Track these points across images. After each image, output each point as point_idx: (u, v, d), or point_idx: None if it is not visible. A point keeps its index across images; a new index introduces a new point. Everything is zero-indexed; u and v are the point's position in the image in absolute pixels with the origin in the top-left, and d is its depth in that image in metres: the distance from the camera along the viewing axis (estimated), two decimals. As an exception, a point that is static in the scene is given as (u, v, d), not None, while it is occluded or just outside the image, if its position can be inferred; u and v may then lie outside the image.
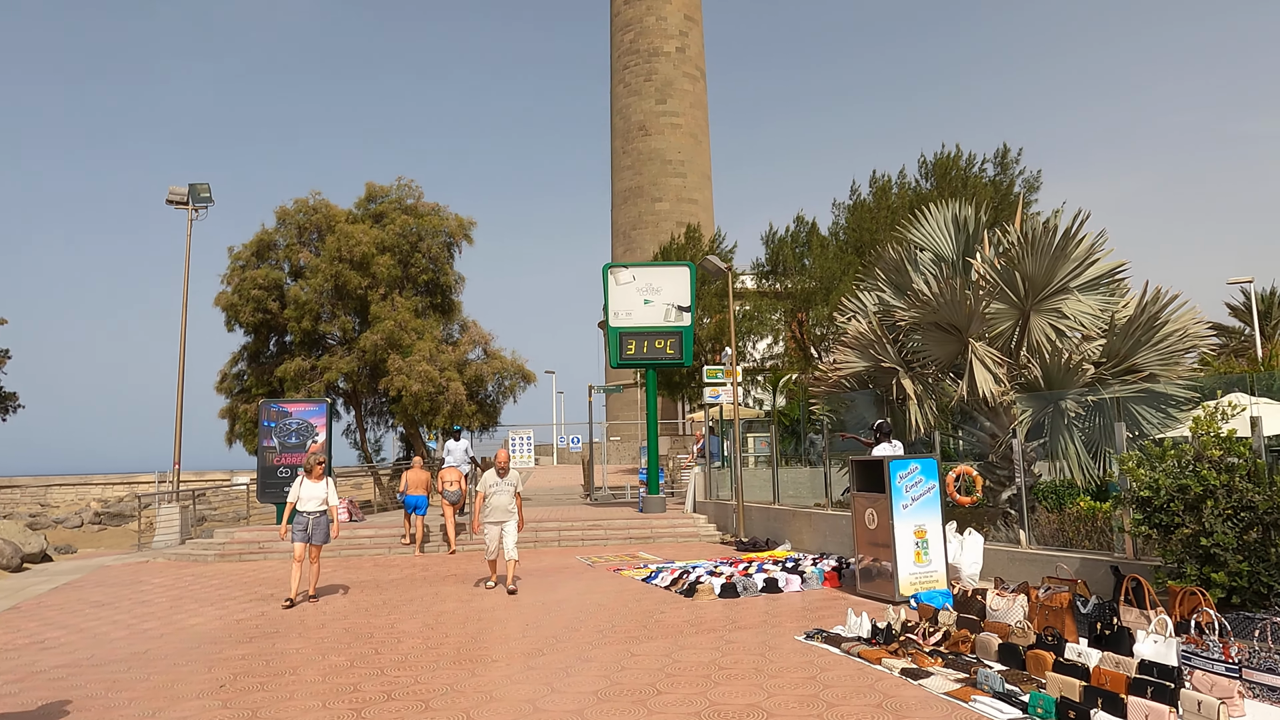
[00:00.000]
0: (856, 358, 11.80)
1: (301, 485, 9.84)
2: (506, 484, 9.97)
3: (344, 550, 14.77)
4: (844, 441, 13.13)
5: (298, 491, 9.85)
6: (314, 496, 9.80)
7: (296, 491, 9.86)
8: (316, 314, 21.15)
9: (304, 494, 9.80)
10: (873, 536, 8.74)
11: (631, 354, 17.19)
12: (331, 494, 9.97)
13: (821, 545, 12.36)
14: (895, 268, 12.16)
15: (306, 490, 9.82)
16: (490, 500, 10.00)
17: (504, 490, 9.96)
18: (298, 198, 22.23)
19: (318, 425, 16.57)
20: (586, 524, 15.93)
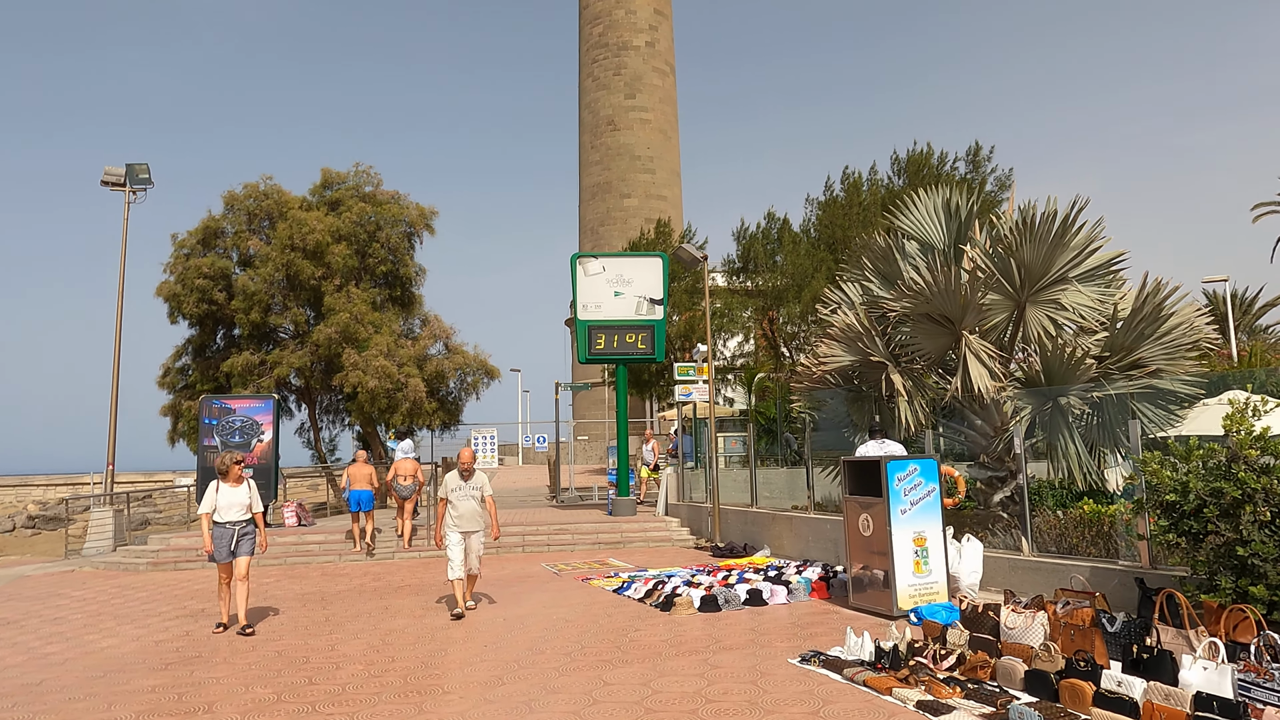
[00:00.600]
0: (843, 351, 11.07)
1: (218, 492, 8.25)
2: (473, 487, 8.63)
3: (290, 558, 13.72)
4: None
5: (213, 500, 8.24)
6: (234, 504, 8.26)
7: (212, 500, 8.24)
8: (266, 305, 19.92)
9: (222, 502, 8.23)
10: (867, 544, 7.99)
11: (601, 348, 16.33)
12: (255, 499, 8.44)
13: (804, 551, 11.62)
14: (883, 256, 11.47)
15: (225, 497, 8.25)
16: (456, 507, 8.65)
17: (470, 494, 8.63)
18: (247, 182, 21.02)
19: (263, 423, 15.45)
20: (553, 528, 15.04)
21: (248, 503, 8.37)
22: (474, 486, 8.69)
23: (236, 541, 8.27)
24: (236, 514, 8.29)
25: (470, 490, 8.66)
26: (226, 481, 8.35)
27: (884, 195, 33.16)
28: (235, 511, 8.28)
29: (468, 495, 8.64)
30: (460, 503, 8.65)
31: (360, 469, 14.43)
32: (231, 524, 8.26)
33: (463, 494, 8.64)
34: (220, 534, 8.21)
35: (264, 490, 15.29)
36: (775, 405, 17.84)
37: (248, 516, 8.39)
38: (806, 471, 11.89)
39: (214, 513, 8.23)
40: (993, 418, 11.07)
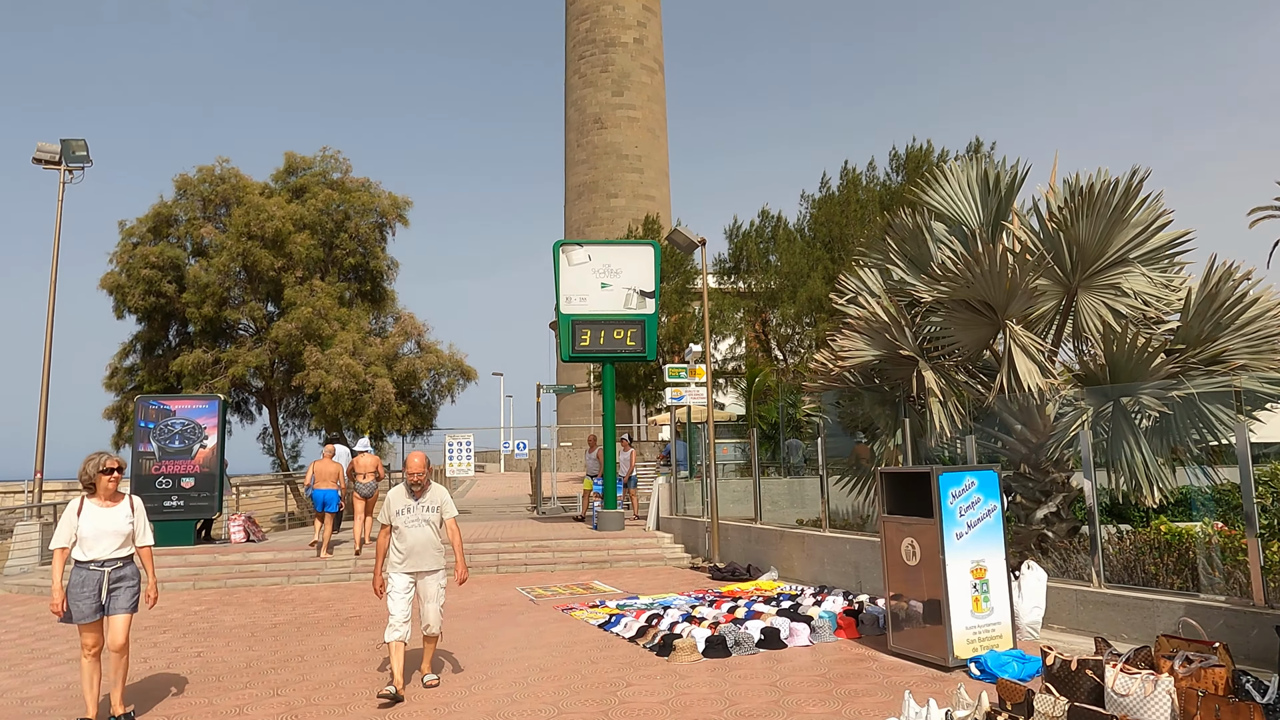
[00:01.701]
0: (866, 345, 9.58)
1: (80, 515, 5.46)
2: (426, 508, 6.14)
3: (232, 580, 12.07)
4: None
5: (72, 528, 5.43)
6: (106, 533, 5.43)
7: (70, 528, 5.44)
8: (221, 299, 18.24)
9: (86, 530, 5.42)
10: (912, 575, 6.49)
11: (586, 345, 14.79)
12: (140, 527, 5.69)
13: (818, 575, 10.11)
14: (911, 237, 10.00)
15: (92, 523, 5.43)
16: (404, 537, 6.08)
17: (423, 519, 6.12)
18: (202, 165, 19.37)
19: (207, 426, 13.79)
20: (531, 544, 13.46)
21: (128, 532, 5.57)
22: (428, 507, 6.17)
23: (109, 591, 5.45)
24: (109, 548, 5.45)
25: (423, 513, 6.14)
26: (95, 499, 5.51)
27: (881, 192, 31.97)
28: (107, 545, 5.45)
29: (420, 520, 6.12)
30: (409, 530, 6.09)
31: (327, 466, 13.27)
32: (100, 564, 5.43)
33: (412, 518, 6.11)
34: (82, 580, 5.38)
35: (206, 502, 13.66)
36: (777, 409, 16.38)
37: (127, 553, 5.59)
38: (821, 483, 10.39)
39: (73, 546, 5.45)
40: (1034, 421, 9.62)
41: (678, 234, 12.53)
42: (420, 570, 6.16)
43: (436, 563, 6.24)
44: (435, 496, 6.28)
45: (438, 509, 6.24)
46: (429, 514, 6.18)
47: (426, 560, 6.17)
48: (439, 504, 6.26)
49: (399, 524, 6.13)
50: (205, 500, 13.64)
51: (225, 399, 14.06)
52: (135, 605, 5.63)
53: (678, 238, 12.59)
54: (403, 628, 6.01)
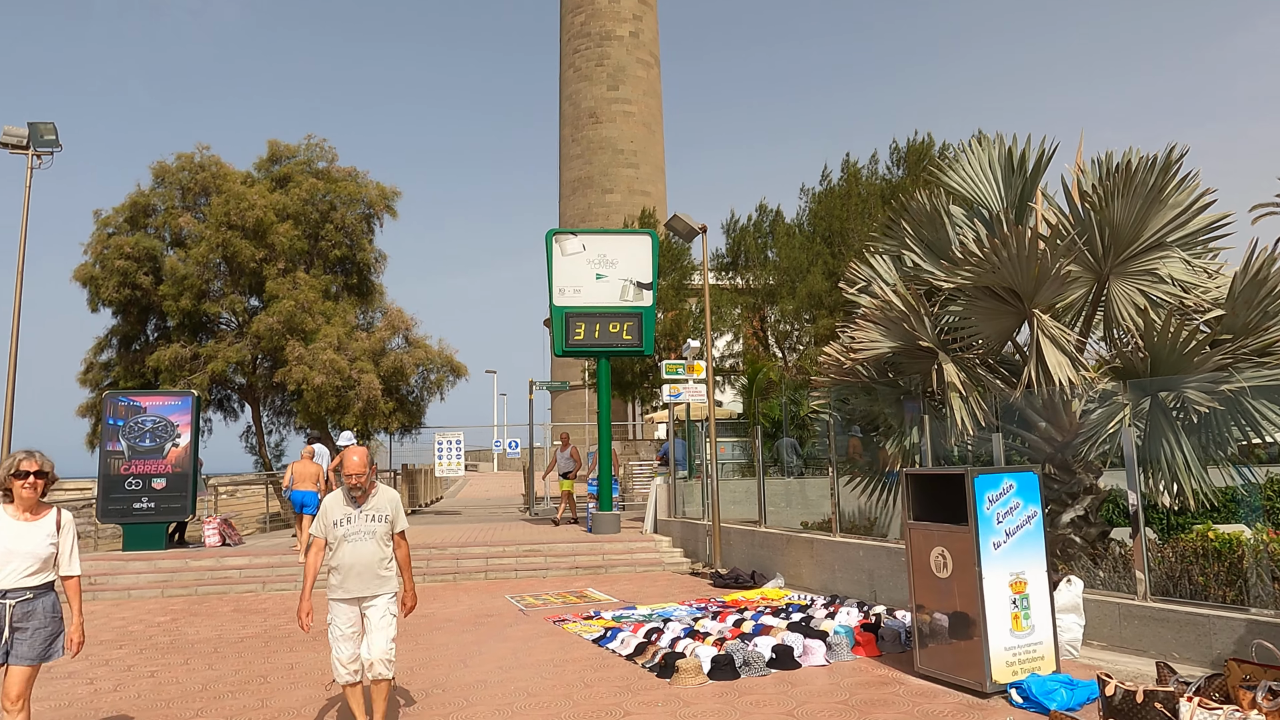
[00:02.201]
0: (882, 336, 8.90)
1: None
2: (371, 516, 4.89)
3: (203, 587, 11.35)
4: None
5: None
6: (17, 554, 4.14)
7: None
8: (200, 291, 17.49)
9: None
10: (943, 589, 5.81)
11: (580, 339, 14.10)
12: (66, 550, 4.32)
13: (828, 583, 9.44)
14: (928, 221, 9.32)
15: (4, 540, 4.16)
16: (341, 554, 4.82)
17: (365, 531, 4.85)
18: (181, 152, 18.60)
19: (180, 424, 13.06)
20: (523, 548, 12.78)
21: (47, 555, 4.22)
22: (373, 515, 4.88)
23: (12, 631, 4.10)
24: (18, 573, 4.13)
25: (366, 524, 4.85)
26: (10, 509, 4.21)
27: (882, 186, 31.37)
28: (17, 568, 4.13)
29: (362, 532, 4.83)
30: (352, 545, 4.80)
31: (306, 466, 12.77)
32: (3, 594, 4.11)
33: (353, 529, 4.82)
34: None
35: (179, 504, 12.94)
36: (780, 406, 15.72)
37: (42, 581, 4.22)
38: (831, 484, 9.71)
39: None
40: (1060, 417, 8.97)
41: (677, 220, 11.85)
42: (362, 595, 4.82)
43: (384, 584, 4.86)
44: (382, 503, 4.94)
45: (385, 518, 4.91)
46: (374, 524, 4.86)
47: (370, 582, 4.80)
48: (387, 512, 4.93)
49: (336, 537, 4.79)
50: (178, 502, 12.91)
51: (199, 395, 13.32)
52: (46, 654, 4.18)
53: (677, 224, 11.91)
54: (350, 666, 4.88)
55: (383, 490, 5.06)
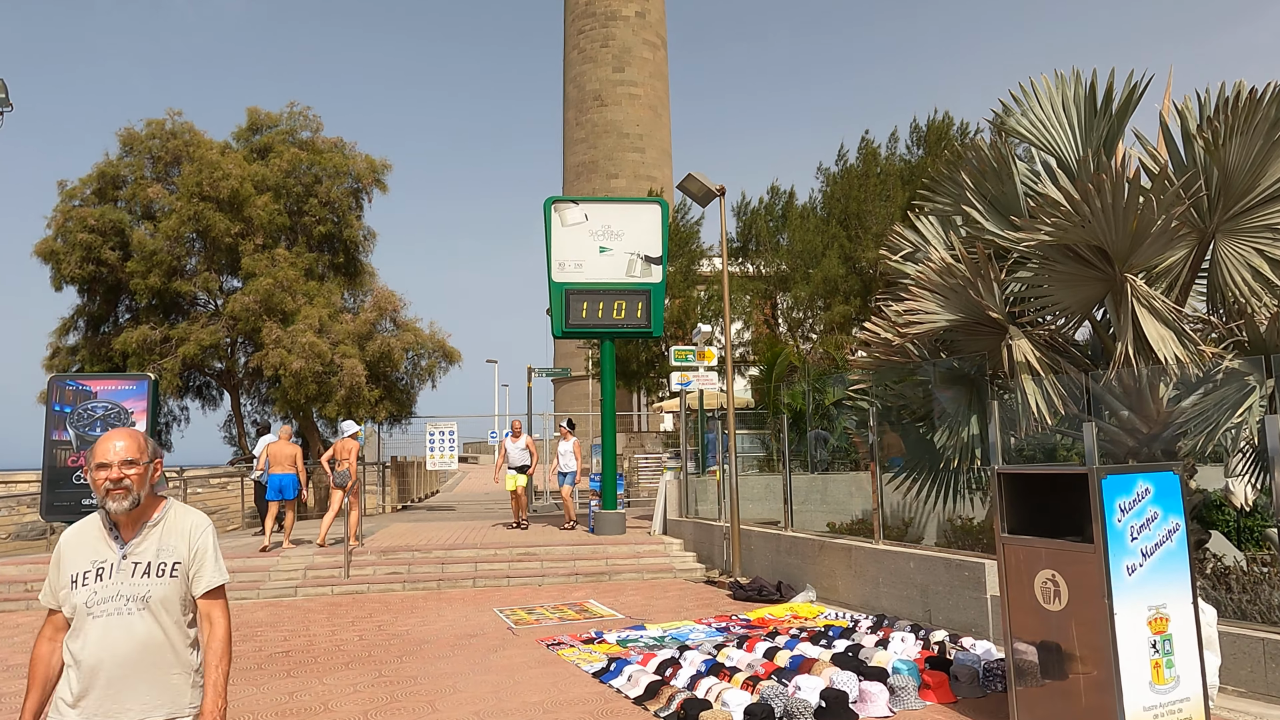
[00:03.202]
0: (940, 307, 7.48)
1: None
2: (145, 567, 2.46)
3: (153, 594, 9.98)
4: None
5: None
6: None
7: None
8: (170, 268, 16.12)
9: None
10: (1053, 625, 4.41)
11: (583, 319, 12.70)
12: None
13: (870, 599, 8.05)
14: (992, 173, 7.87)
15: None
16: (82, 638, 2.42)
17: (132, 594, 2.42)
18: (151, 118, 17.19)
19: (134, 410, 11.72)
20: (516, 551, 11.42)
21: None
22: (150, 565, 2.48)
23: None
24: None
25: (131, 581, 2.45)
26: None
27: (902, 168, 29.94)
28: None
29: (124, 599, 2.43)
30: (102, 624, 2.41)
31: (283, 448, 11.84)
32: None
33: (105, 592, 2.43)
34: None
35: (133, 500, 11.57)
36: (803, 394, 14.31)
37: None
38: (874, 481, 8.30)
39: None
40: (1146, 405, 7.59)
41: (692, 180, 10.41)
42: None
43: (166, 701, 2.49)
44: (171, 540, 2.55)
45: (174, 570, 2.51)
46: (149, 583, 2.47)
47: (137, 695, 2.45)
48: (178, 558, 2.53)
49: (74, 608, 2.44)
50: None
51: (156, 378, 11.96)
52: None
53: (691, 185, 10.47)
54: None
55: (178, 515, 2.62)
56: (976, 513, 10.51)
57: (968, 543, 10.03)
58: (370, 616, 8.75)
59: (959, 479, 9.04)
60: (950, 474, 8.83)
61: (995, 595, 6.61)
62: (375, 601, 9.66)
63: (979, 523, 10.43)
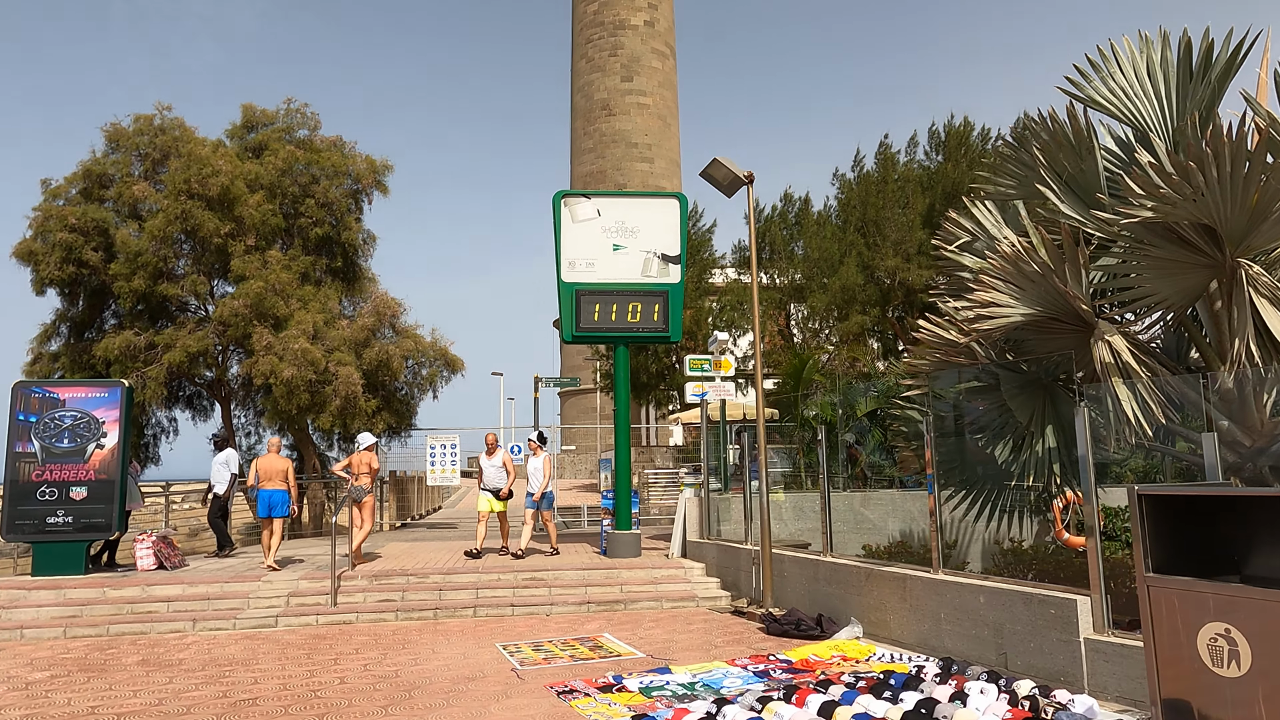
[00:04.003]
0: (1014, 299, 6.46)
1: None
2: None
3: (118, 625, 8.99)
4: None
5: None
6: None
7: None
8: (156, 270, 15.20)
9: None
10: (1227, 693, 3.38)
11: (595, 322, 11.71)
12: None
13: (928, 637, 6.98)
14: (1069, 148, 6.86)
15: None
16: None
17: None
18: (139, 113, 16.34)
19: (106, 420, 10.75)
20: (522, 576, 10.38)
21: None
22: None
23: None
24: None
25: None
26: None
27: (921, 174, 29.05)
28: None
29: None
30: None
31: (273, 462, 11.13)
32: None
33: None
34: None
35: (103, 519, 10.61)
36: (832, 405, 13.28)
37: None
38: (932, 501, 7.25)
39: None
40: (1249, 415, 6.57)
41: (718, 166, 9.41)
42: None
43: None
44: None
45: None
46: None
47: None
48: None
49: None
50: (101, 516, 10.58)
51: (128, 385, 10.97)
52: None
53: (717, 171, 9.48)
54: None
55: None
56: (1026, 535, 9.46)
57: (1019, 569, 8.98)
58: (356, 653, 7.71)
59: (1019, 498, 8.02)
60: (1012, 492, 7.81)
61: (1091, 639, 5.57)
62: (364, 634, 8.63)
63: (1029, 546, 9.38)
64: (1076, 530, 10.07)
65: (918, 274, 26.94)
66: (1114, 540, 9.29)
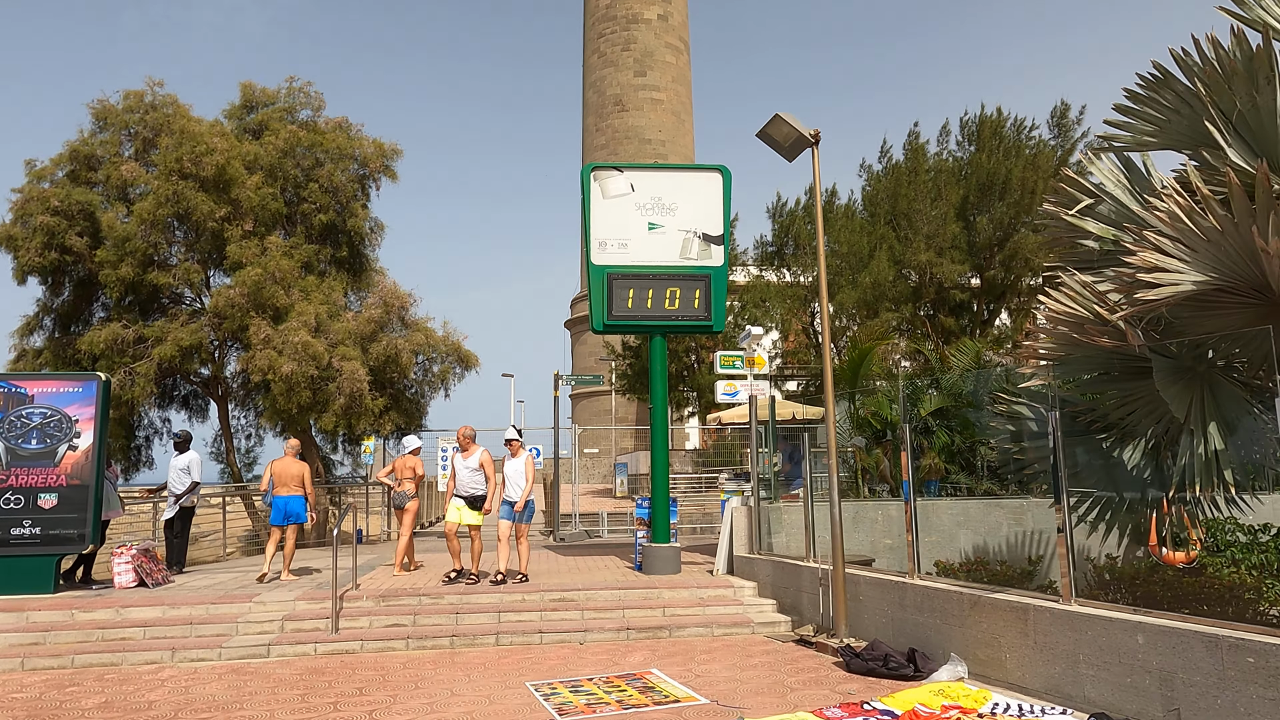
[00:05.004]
0: (1189, 262, 5.16)
1: None
2: None
3: (83, 655, 7.74)
4: None
5: None
6: None
7: None
8: (145, 257, 14.01)
9: None
10: None
11: (629, 309, 10.43)
12: None
13: (1063, 683, 5.67)
14: (1240, 77, 5.56)
15: None
16: None
17: None
18: (129, 89, 15.15)
19: (80, 419, 9.53)
20: (550, 597, 9.11)
21: None
22: None
23: None
24: None
25: None
26: None
27: (953, 166, 27.81)
28: None
29: None
30: None
31: (289, 465, 10.32)
32: None
33: None
34: None
35: (76, 530, 9.37)
36: (890, 403, 11.96)
37: None
38: (1061, 514, 5.92)
39: None
40: None
41: (780, 123, 8.03)
42: None
43: None
44: None
45: None
46: None
47: None
48: None
49: None
50: (74, 527, 9.35)
51: (106, 379, 9.75)
52: None
53: (778, 129, 8.10)
54: None
55: None
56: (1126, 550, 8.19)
57: (1118, 591, 7.70)
58: (360, 695, 6.45)
59: (1152, 510, 6.74)
60: (1150, 502, 6.53)
61: (1315, 699, 4.25)
62: (369, 667, 7.37)
63: (1122, 564, 8.10)
64: (1175, 544, 8.84)
65: (951, 269, 25.68)
66: (1217, 555, 8.01)
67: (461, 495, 9.82)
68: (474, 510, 9.80)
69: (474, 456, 9.84)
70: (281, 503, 10.18)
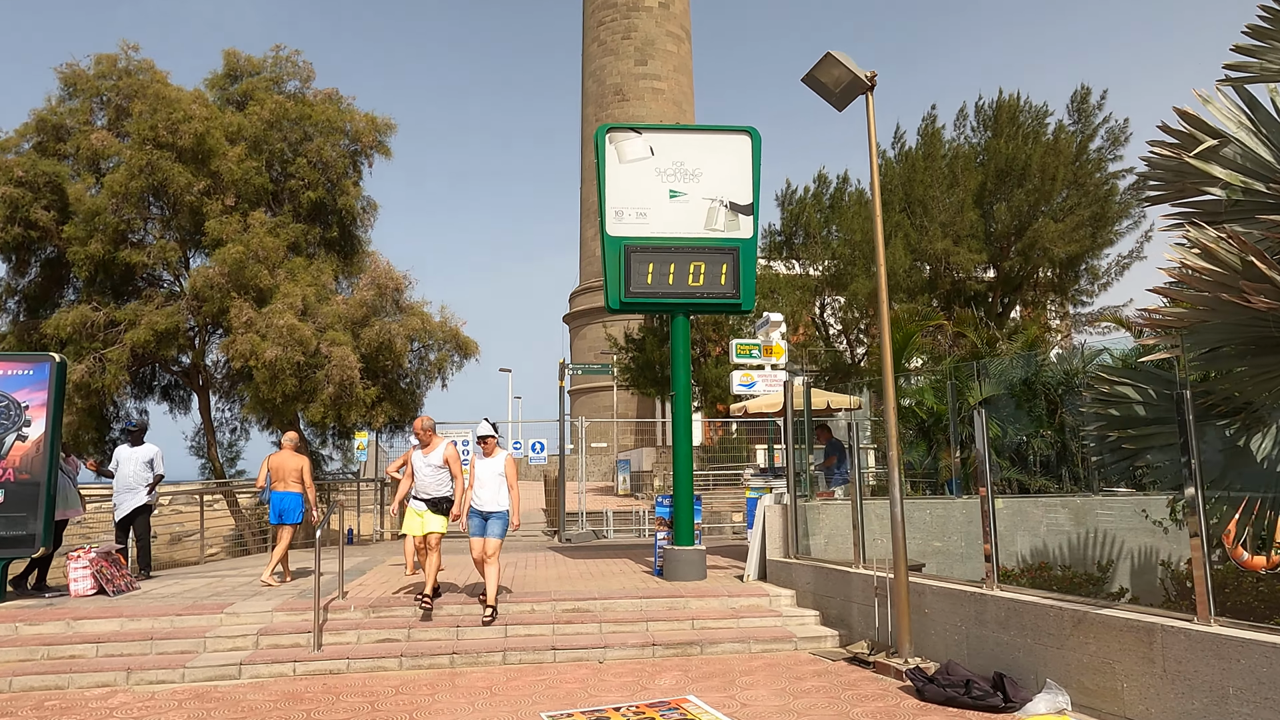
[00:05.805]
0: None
1: None
2: None
3: (24, 675, 6.65)
4: None
5: None
6: None
7: None
8: (117, 233, 12.92)
9: None
10: None
11: (648, 285, 9.37)
12: None
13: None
14: None
15: None
16: None
17: None
18: (101, 53, 14.01)
19: (30, 404, 8.44)
20: (563, 606, 8.05)
21: None
22: None
23: None
24: None
25: None
26: None
27: (970, 151, 26.79)
28: None
29: None
30: None
31: (288, 459, 9.40)
32: None
33: None
34: None
35: (24, 531, 8.28)
36: (937, 394, 10.92)
37: None
38: (1196, 514, 4.88)
39: None
40: None
41: (832, 63, 6.87)
42: None
43: None
44: None
45: None
46: None
47: None
48: None
49: None
50: (23, 527, 8.27)
51: (60, 359, 8.65)
52: None
53: (827, 73, 6.96)
54: None
55: None
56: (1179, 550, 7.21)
57: (1252, 609, 6.72)
58: (343, 730, 5.39)
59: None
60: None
61: None
62: (355, 692, 6.30)
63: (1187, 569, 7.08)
64: (1256, 548, 7.87)
65: (968, 258, 24.70)
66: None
67: (422, 498, 8.13)
68: (438, 515, 8.08)
69: (437, 451, 8.12)
70: (277, 499, 9.35)
